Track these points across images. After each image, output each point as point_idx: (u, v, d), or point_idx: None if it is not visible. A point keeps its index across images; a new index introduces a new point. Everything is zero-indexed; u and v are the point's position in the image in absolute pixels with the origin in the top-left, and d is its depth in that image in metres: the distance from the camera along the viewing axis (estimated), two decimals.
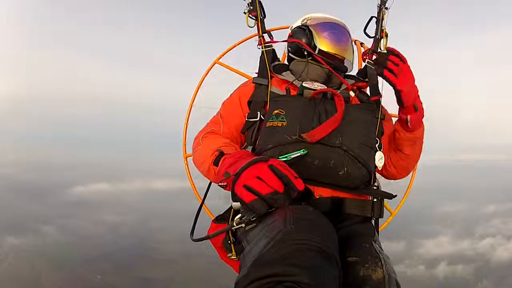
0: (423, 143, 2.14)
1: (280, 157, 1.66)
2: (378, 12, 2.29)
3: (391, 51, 1.93)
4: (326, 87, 1.94)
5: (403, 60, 1.91)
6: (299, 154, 1.68)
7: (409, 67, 1.92)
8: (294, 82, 2.04)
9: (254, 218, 1.48)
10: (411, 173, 2.68)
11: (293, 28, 2.24)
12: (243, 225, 1.52)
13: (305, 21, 2.18)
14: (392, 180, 2.28)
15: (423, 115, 2.02)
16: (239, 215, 1.53)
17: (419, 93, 1.99)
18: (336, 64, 2.08)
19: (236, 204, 1.52)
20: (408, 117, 1.94)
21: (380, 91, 2.02)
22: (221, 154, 1.79)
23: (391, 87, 1.92)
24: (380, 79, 2.00)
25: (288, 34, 2.34)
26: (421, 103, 1.99)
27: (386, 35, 2.28)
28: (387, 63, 1.89)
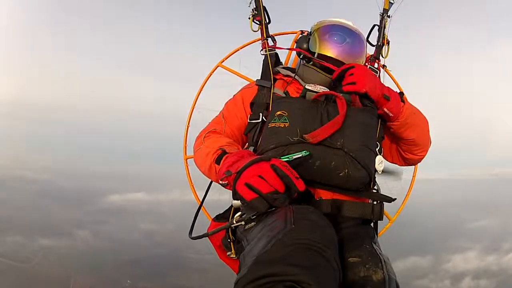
0: (419, 115, 2.07)
1: (282, 158, 1.66)
2: (380, 20, 2.34)
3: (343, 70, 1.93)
4: (328, 90, 1.95)
5: (351, 66, 1.91)
6: (300, 155, 1.67)
7: (359, 66, 1.91)
8: (296, 84, 2.07)
9: (254, 217, 1.49)
10: (410, 179, 2.69)
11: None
12: (242, 223, 1.52)
13: (313, 26, 2.18)
14: (396, 183, 2.28)
15: (398, 98, 1.97)
16: (239, 213, 1.55)
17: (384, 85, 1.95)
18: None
19: (236, 203, 1.54)
20: (385, 109, 1.91)
21: None
22: (224, 152, 1.79)
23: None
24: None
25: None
26: (388, 88, 1.95)
27: (388, 43, 2.33)
28: (342, 81, 1.91)
